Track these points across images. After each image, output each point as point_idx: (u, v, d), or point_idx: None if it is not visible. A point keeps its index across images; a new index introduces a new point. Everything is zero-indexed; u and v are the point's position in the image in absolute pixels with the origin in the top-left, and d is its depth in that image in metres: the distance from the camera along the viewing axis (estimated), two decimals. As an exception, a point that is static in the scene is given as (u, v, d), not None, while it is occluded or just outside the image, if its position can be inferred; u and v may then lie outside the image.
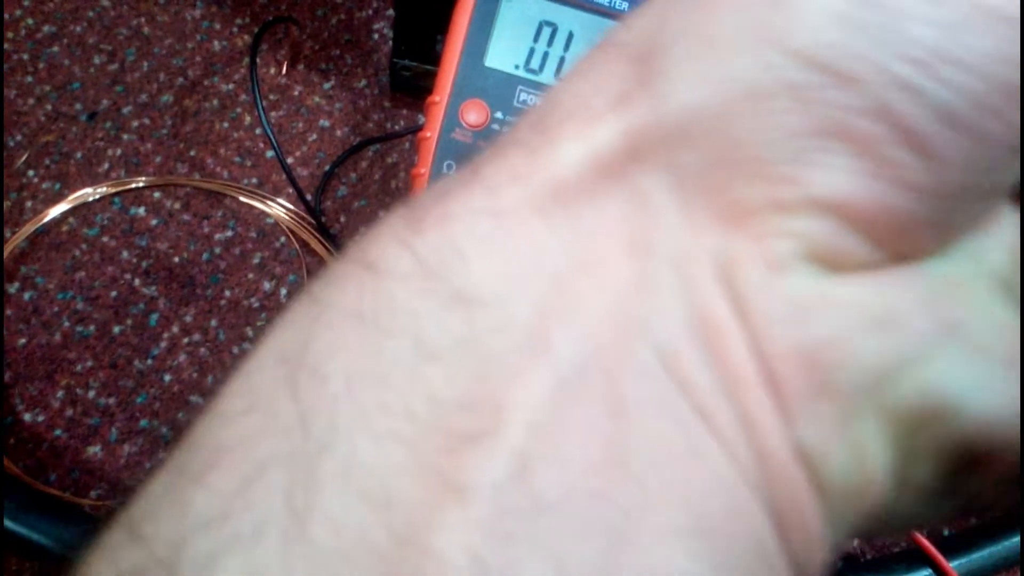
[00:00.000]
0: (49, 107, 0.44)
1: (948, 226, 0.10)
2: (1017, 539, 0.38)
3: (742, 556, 0.09)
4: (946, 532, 0.40)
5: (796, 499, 0.10)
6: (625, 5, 0.33)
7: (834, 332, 0.10)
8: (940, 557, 0.37)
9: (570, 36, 0.34)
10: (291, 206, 0.43)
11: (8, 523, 0.34)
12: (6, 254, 0.41)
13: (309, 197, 0.43)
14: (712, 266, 0.10)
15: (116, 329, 0.40)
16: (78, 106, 0.44)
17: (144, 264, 0.41)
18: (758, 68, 0.10)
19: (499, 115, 0.33)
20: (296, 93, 0.46)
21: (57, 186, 0.42)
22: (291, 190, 0.42)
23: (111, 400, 0.39)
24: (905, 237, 0.10)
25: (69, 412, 0.38)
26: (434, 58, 0.36)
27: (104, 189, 0.42)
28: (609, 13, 0.33)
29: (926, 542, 0.37)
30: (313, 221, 0.42)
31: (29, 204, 0.42)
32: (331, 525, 0.09)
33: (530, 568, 0.09)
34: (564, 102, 0.11)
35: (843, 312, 0.10)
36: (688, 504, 0.09)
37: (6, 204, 0.42)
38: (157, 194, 0.43)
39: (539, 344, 0.09)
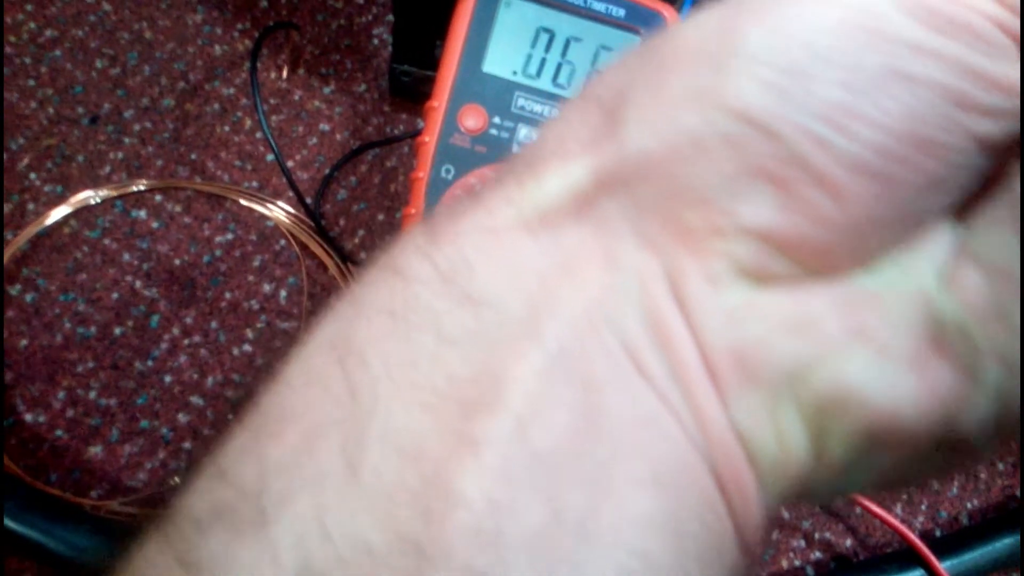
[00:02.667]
0: (51, 110, 0.44)
1: (862, 249, 0.12)
2: (1008, 540, 0.38)
3: (692, 504, 0.12)
4: (938, 533, 0.40)
5: (733, 465, 0.12)
6: (621, 12, 0.34)
7: (758, 335, 0.12)
8: (932, 558, 0.37)
9: (567, 42, 0.34)
10: (291, 209, 0.43)
11: (9, 523, 0.34)
12: (8, 256, 0.41)
13: (309, 200, 0.43)
14: (664, 278, 0.12)
15: (117, 331, 0.40)
16: (80, 110, 0.44)
17: (145, 266, 0.42)
18: (700, 122, 0.12)
19: (497, 120, 0.34)
20: (296, 97, 0.46)
21: (59, 189, 0.43)
22: (291, 193, 0.42)
23: (112, 401, 0.39)
24: (821, 258, 0.12)
25: (70, 413, 0.39)
26: (433, 63, 0.36)
27: (105, 192, 0.43)
28: (606, 20, 0.34)
29: (918, 542, 0.37)
30: (313, 224, 0.43)
31: (31, 207, 0.42)
32: (376, 472, 0.11)
33: (530, 505, 0.11)
34: (548, 142, 0.13)
35: (766, 318, 0.12)
36: (648, 461, 0.12)
37: (8, 207, 0.42)
38: (158, 197, 0.43)
39: (531, 333, 0.12)
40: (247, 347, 0.41)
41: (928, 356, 0.12)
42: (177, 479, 0.37)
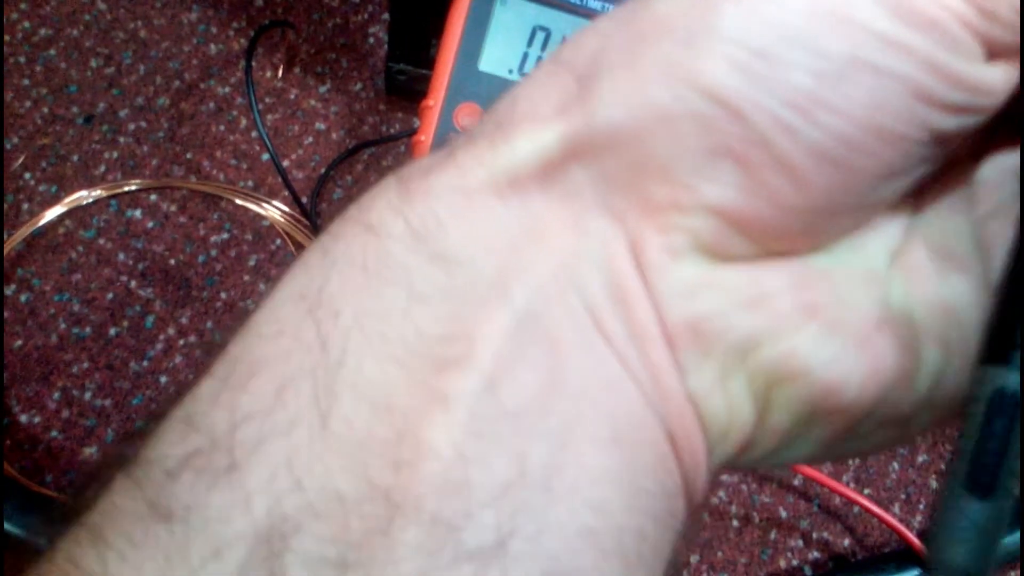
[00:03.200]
0: (46, 110, 0.44)
1: (819, 232, 0.13)
2: (1007, 539, 0.38)
3: (648, 462, 0.12)
4: (936, 532, 0.40)
5: (686, 427, 0.13)
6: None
7: (714, 308, 0.13)
8: (930, 557, 0.37)
9: (563, 40, 0.34)
10: (287, 208, 0.43)
11: (6, 525, 0.34)
12: (3, 256, 0.41)
13: (304, 200, 0.43)
14: (627, 247, 0.13)
15: (112, 331, 0.40)
16: (75, 109, 0.44)
17: (140, 266, 0.41)
18: (670, 97, 0.12)
19: (493, 119, 0.33)
20: (292, 96, 0.46)
21: (54, 189, 0.42)
22: (287, 193, 0.42)
23: (107, 402, 0.39)
24: (779, 239, 0.13)
25: (65, 413, 0.39)
26: (429, 62, 0.36)
27: (100, 192, 0.42)
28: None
29: (916, 541, 0.37)
30: (308, 223, 0.42)
31: (26, 206, 0.42)
32: (347, 422, 0.11)
33: (497, 459, 0.11)
34: (519, 104, 0.13)
35: (722, 293, 0.13)
36: (608, 420, 0.12)
37: (3, 206, 0.42)
38: (153, 197, 0.43)
39: (500, 293, 0.12)
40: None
41: (873, 335, 0.13)
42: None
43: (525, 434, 0.11)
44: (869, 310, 0.13)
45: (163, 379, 0.40)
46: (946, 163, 0.13)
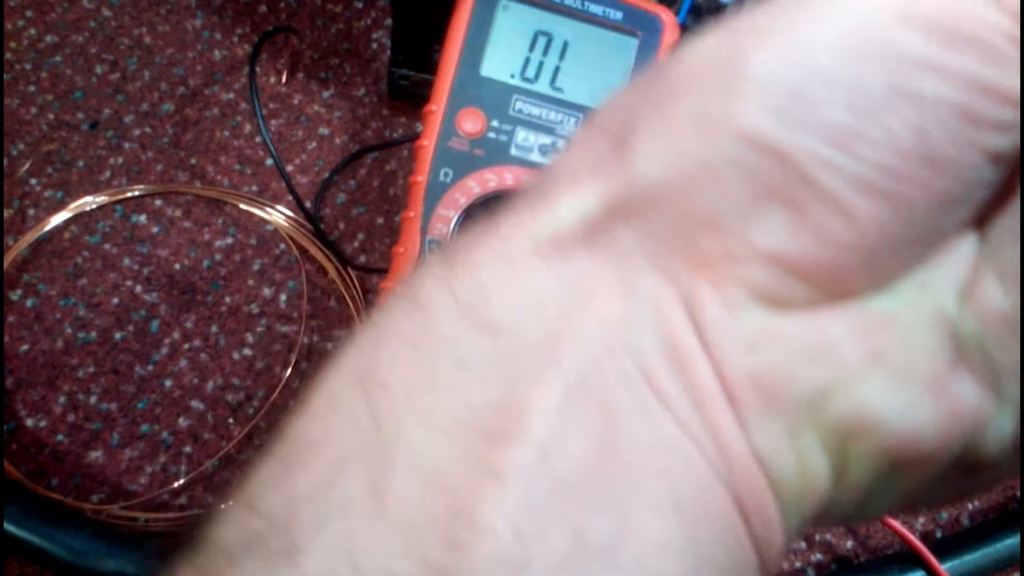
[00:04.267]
0: (51, 116, 0.44)
1: (878, 270, 0.12)
2: (1008, 541, 0.38)
3: (714, 530, 0.12)
4: (939, 535, 0.40)
5: (754, 490, 0.12)
6: (619, 15, 0.34)
7: (776, 361, 0.12)
8: (933, 559, 0.37)
9: (565, 45, 0.34)
10: (290, 213, 0.43)
11: (10, 527, 0.34)
12: (8, 262, 0.41)
13: (308, 204, 0.43)
14: (680, 305, 0.12)
15: (118, 335, 0.40)
16: (80, 115, 0.44)
17: (145, 271, 0.42)
18: (708, 147, 0.12)
19: (495, 124, 0.34)
20: (295, 102, 0.46)
21: (59, 194, 0.43)
22: (290, 197, 0.42)
23: (112, 405, 0.39)
24: (837, 281, 0.12)
25: (71, 417, 0.39)
26: (432, 67, 0.37)
27: (105, 197, 0.43)
28: (603, 23, 0.34)
29: (919, 544, 0.37)
30: (312, 228, 0.43)
31: (31, 212, 0.42)
32: (402, 501, 0.11)
33: (554, 533, 0.11)
34: (558, 171, 0.13)
35: (784, 344, 0.12)
36: (669, 487, 0.12)
37: (8, 212, 0.42)
38: (158, 202, 0.43)
39: (550, 360, 0.12)
40: (247, 351, 0.41)
41: (947, 376, 0.12)
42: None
43: (582, 506, 0.11)
44: (940, 351, 0.12)
45: (168, 383, 0.40)
46: (1009, 182, 0.12)
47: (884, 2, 0.12)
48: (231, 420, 0.39)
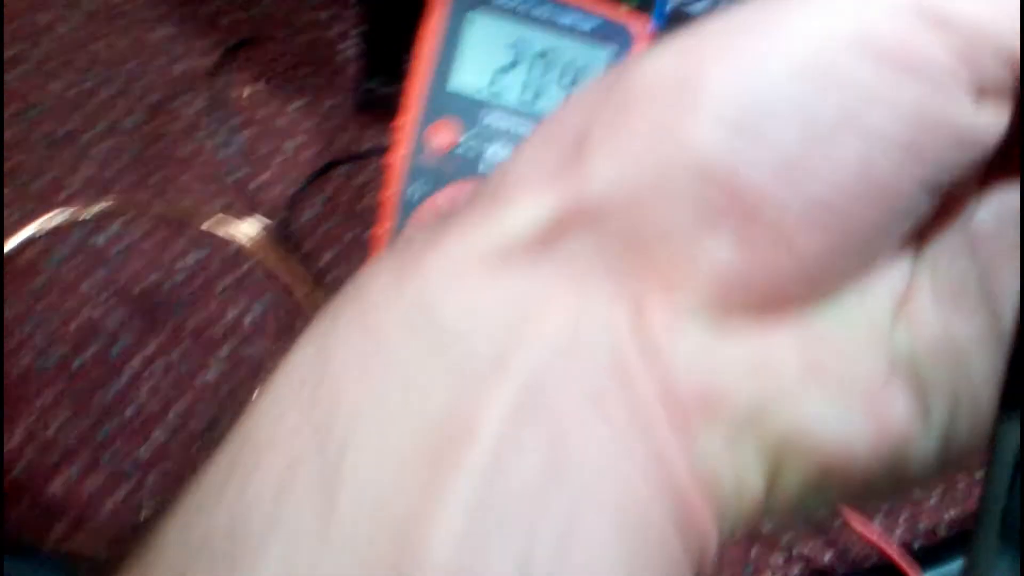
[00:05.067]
0: (7, 134, 0.43)
1: (819, 288, 0.13)
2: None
3: (653, 549, 0.12)
4: (916, 545, 0.40)
5: (692, 507, 0.12)
6: (588, 26, 0.33)
7: (720, 375, 0.12)
8: (909, 572, 0.37)
9: (535, 58, 0.33)
10: (258, 229, 0.42)
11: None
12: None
13: (277, 220, 0.42)
14: (626, 318, 0.12)
15: (77, 362, 0.39)
16: (37, 132, 0.43)
17: (105, 294, 0.40)
18: (660, 163, 0.12)
19: (464, 139, 0.33)
20: (262, 115, 0.45)
21: (16, 215, 0.41)
22: (258, 213, 0.41)
23: (71, 436, 0.38)
24: (780, 297, 0.13)
25: (28, 451, 0.37)
26: (402, 79, 0.36)
27: (65, 217, 0.42)
28: (575, 34, 0.33)
29: (895, 556, 0.37)
30: (281, 244, 0.42)
31: (-13, 233, 0.41)
32: (345, 529, 0.11)
33: (498, 560, 0.11)
34: (511, 175, 0.13)
35: (728, 359, 0.12)
36: (611, 507, 0.12)
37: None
38: (120, 221, 0.42)
39: (497, 374, 0.12)
40: (211, 375, 0.40)
41: (880, 392, 0.13)
42: (146, 515, 0.36)
43: (526, 532, 0.11)
44: (875, 365, 0.13)
45: (128, 412, 0.39)
46: (946, 199, 0.13)
47: (838, 28, 0.12)
48: (196, 448, 0.38)
